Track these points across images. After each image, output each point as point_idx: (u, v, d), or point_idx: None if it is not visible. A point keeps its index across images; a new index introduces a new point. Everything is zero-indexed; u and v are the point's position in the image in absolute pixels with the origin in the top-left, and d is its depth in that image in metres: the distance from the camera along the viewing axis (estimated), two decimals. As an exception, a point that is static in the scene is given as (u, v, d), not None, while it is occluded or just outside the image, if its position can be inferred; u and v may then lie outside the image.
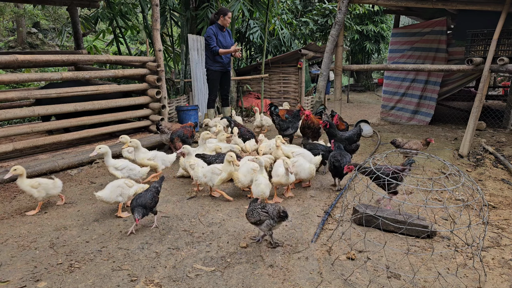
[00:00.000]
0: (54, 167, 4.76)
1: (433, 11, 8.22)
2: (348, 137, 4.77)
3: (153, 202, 3.22)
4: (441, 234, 3.09)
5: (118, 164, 3.99)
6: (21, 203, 3.92)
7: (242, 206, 3.73)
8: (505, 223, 3.40)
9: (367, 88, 19.59)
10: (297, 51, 10.35)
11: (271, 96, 11.31)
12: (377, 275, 2.52)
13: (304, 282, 2.44)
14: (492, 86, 12.79)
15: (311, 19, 14.02)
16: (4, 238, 3.09)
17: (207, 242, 2.99)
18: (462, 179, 2.55)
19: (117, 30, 9.53)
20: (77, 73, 5.25)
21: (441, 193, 4.11)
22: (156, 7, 5.97)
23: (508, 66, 5.61)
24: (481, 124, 7.71)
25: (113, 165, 3.97)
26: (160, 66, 6.08)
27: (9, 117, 4.58)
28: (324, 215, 3.48)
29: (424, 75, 8.42)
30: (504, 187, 4.44)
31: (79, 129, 5.61)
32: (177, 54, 10.17)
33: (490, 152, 5.86)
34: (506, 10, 5.56)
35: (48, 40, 17.49)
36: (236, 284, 2.43)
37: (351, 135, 4.79)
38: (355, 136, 4.80)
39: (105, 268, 2.62)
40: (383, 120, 9.23)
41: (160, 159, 4.47)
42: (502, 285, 2.45)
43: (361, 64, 17.86)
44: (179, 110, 7.63)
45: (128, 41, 13.40)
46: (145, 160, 4.34)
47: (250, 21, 11.53)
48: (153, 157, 4.42)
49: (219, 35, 6.74)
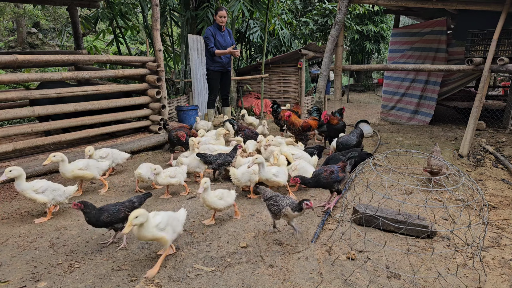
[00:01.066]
0: (54, 167, 4.75)
1: (433, 11, 8.22)
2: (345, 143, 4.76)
3: (111, 217, 2.86)
4: (441, 234, 3.09)
5: (36, 186, 3.39)
6: (21, 203, 3.91)
7: (242, 206, 3.73)
8: (505, 223, 3.40)
9: (367, 88, 19.59)
10: (297, 51, 10.36)
11: (271, 96, 11.31)
12: (377, 275, 2.52)
13: (304, 282, 2.44)
14: (492, 86, 12.78)
15: (311, 19, 14.02)
16: (4, 238, 3.09)
17: (207, 242, 2.99)
18: (462, 179, 2.55)
19: (117, 30, 9.53)
20: (77, 73, 5.25)
21: (441, 193, 4.11)
22: (156, 7, 5.97)
23: (508, 66, 5.61)
24: (481, 124, 7.71)
25: (30, 188, 3.36)
26: (160, 66, 6.08)
27: (9, 117, 4.58)
28: (324, 215, 3.48)
29: (424, 75, 8.42)
30: (504, 187, 4.43)
31: (79, 129, 5.61)
32: (177, 54, 10.17)
33: (490, 152, 5.86)
34: (506, 10, 5.56)
35: (48, 40, 17.50)
36: (236, 284, 2.43)
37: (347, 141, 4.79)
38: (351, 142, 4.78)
39: (105, 268, 2.62)
40: (383, 120, 9.23)
41: (94, 167, 4.05)
42: (502, 285, 2.45)
43: (361, 64, 17.87)
44: (179, 110, 7.63)
45: (128, 41, 13.40)
46: (76, 171, 3.86)
47: (250, 21, 11.53)
48: (85, 166, 3.94)
49: (217, 35, 6.75)
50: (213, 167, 4.29)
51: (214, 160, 4.25)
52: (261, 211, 3.61)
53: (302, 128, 5.49)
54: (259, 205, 3.78)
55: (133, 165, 5.21)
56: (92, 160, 4.19)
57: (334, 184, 3.50)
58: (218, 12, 6.75)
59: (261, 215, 3.51)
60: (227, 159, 4.33)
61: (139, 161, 5.43)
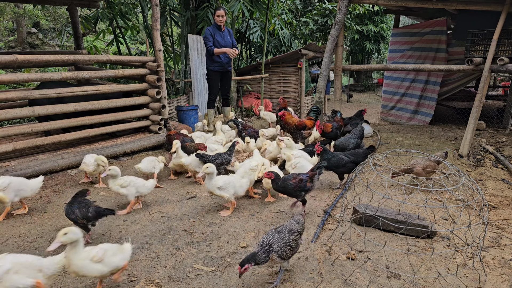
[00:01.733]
0: (54, 167, 4.76)
1: (433, 11, 8.21)
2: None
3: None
4: (441, 234, 3.09)
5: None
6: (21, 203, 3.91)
7: (242, 206, 3.73)
8: (505, 223, 3.40)
9: (367, 88, 19.58)
10: (297, 51, 10.34)
11: (271, 96, 11.31)
12: (377, 275, 2.52)
13: (304, 282, 2.44)
14: (492, 86, 12.78)
15: (311, 19, 14.01)
16: (4, 238, 3.09)
17: (207, 242, 2.99)
18: (462, 179, 2.55)
19: (117, 30, 9.53)
20: (77, 73, 5.25)
21: (441, 193, 4.11)
22: (156, 7, 5.97)
23: (508, 66, 5.61)
24: (481, 124, 7.71)
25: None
26: (160, 66, 6.08)
27: (9, 117, 4.58)
28: (324, 215, 3.48)
29: (424, 75, 8.42)
30: (504, 187, 4.43)
31: (79, 129, 5.61)
32: (177, 54, 10.17)
33: (490, 152, 5.86)
34: (506, 10, 5.56)
35: (48, 40, 17.49)
36: (236, 284, 2.43)
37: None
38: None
39: (105, 268, 2.61)
40: (383, 120, 9.23)
41: (13, 190, 3.38)
42: (502, 285, 2.45)
43: (361, 64, 17.86)
44: (179, 110, 7.63)
45: (128, 41, 13.40)
46: None
47: (250, 21, 11.53)
48: (4, 186, 3.34)
49: (216, 35, 6.75)
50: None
51: (213, 160, 4.26)
52: (261, 211, 3.62)
53: (297, 127, 5.51)
54: (259, 205, 3.78)
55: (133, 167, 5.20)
56: (17, 178, 3.50)
57: (301, 193, 3.39)
58: (216, 12, 6.76)
59: (261, 215, 3.51)
60: (226, 159, 4.35)
61: (139, 161, 5.42)
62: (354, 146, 4.90)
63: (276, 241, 2.32)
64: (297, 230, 2.46)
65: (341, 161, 4.13)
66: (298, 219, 2.57)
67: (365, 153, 4.27)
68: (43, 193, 4.14)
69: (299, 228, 2.49)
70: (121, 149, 5.54)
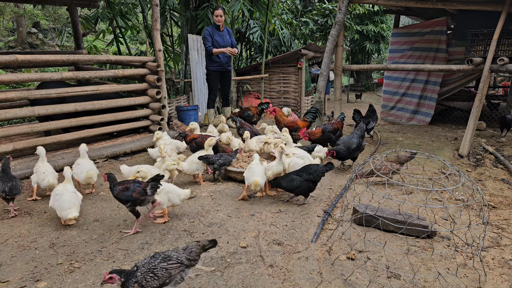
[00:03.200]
0: (54, 167, 4.73)
1: (433, 11, 8.22)
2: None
3: None
4: (441, 234, 3.09)
5: None
6: (21, 203, 3.91)
7: (242, 206, 3.73)
8: (505, 223, 3.40)
9: (367, 88, 19.58)
10: (297, 51, 10.35)
11: (271, 96, 11.31)
12: (377, 275, 2.52)
13: (304, 282, 2.44)
14: (492, 86, 12.78)
15: (311, 19, 14.01)
16: (4, 238, 3.09)
17: (207, 242, 2.99)
18: (462, 179, 2.55)
19: (117, 30, 9.53)
20: (77, 73, 5.25)
21: (441, 193, 4.11)
22: (156, 7, 5.97)
23: (508, 66, 5.61)
24: (481, 124, 7.71)
25: None
26: (160, 66, 6.08)
27: (9, 117, 4.58)
28: (324, 215, 3.48)
29: (424, 75, 8.42)
30: (504, 187, 4.44)
31: (79, 129, 5.61)
32: (177, 54, 10.17)
33: (490, 152, 5.86)
34: (506, 10, 5.56)
35: (48, 40, 17.50)
36: (236, 284, 2.43)
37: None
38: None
39: (105, 268, 2.62)
40: (383, 120, 9.23)
41: None
42: (502, 285, 2.45)
43: (361, 64, 17.86)
44: (179, 110, 7.63)
45: (128, 41, 13.39)
46: None
47: (250, 21, 11.53)
48: None
49: (215, 35, 6.75)
50: (214, 167, 4.33)
51: (215, 160, 4.28)
52: (261, 211, 3.62)
53: (287, 127, 5.40)
54: (259, 205, 3.78)
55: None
56: None
57: (128, 203, 3.07)
58: (214, 12, 6.77)
59: (261, 215, 3.51)
60: (228, 159, 4.37)
61: (139, 161, 5.43)
62: (357, 146, 4.82)
63: (141, 266, 2.03)
64: (176, 259, 2.07)
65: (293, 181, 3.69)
66: (190, 247, 2.19)
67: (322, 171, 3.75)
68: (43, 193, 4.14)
69: (182, 257, 2.09)
70: (121, 149, 5.54)
